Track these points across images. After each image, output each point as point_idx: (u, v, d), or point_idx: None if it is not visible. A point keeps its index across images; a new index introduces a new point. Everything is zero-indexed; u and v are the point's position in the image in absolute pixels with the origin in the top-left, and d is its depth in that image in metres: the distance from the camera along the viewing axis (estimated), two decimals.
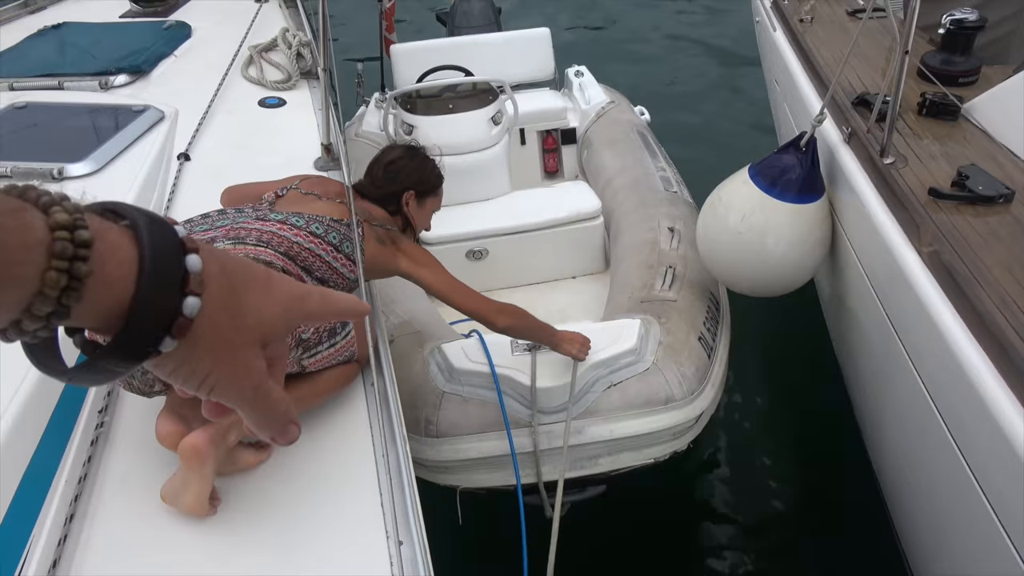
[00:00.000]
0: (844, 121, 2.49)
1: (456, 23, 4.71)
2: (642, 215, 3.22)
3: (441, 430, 2.35)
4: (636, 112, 4.23)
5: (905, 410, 2.10)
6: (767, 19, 3.63)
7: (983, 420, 1.61)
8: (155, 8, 4.01)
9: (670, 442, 2.48)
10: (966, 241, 1.92)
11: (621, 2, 8.52)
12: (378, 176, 2.12)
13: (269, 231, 1.70)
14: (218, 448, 1.53)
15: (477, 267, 3.49)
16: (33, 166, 2.37)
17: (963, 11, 2.64)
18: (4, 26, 3.84)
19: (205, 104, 3.00)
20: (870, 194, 2.22)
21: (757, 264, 2.52)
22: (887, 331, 2.12)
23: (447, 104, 3.69)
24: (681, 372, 2.44)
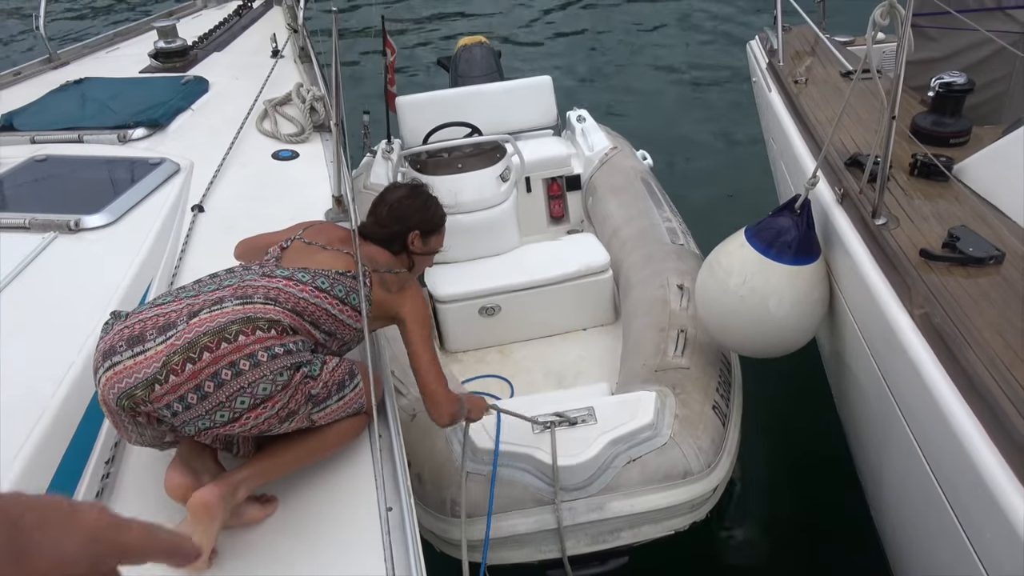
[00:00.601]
0: (837, 182, 2.53)
1: (459, 71, 4.82)
2: (651, 270, 3.25)
3: (469, 510, 2.36)
4: (639, 157, 4.29)
5: (902, 471, 2.08)
6: (762, 80, 3.71)
7: (975, 484, 1.60)
8: (174, 63, 4.12)
9: (689, 514, 2.50)
10: (957, 303, 1.92)
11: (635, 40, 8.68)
12: (383, 216, 2.14)
13: (276, 287, 1.73)
14: (227, 504, 1.54)
15: (490, 323, 3.51)
16: (51, 218, 2.43)
17: (951, 74, 2.69)
18: (28, 80, 3.96)
19: (220, 157, 3.07)
20: (863, 255, 2.25)
21: (760, 327, 2.53)
22: (883, 391, 2.12)
23: (456, 163, 3.76)
24: (698, 445, 2.48)
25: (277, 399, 1.58)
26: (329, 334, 1.81)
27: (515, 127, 4.07)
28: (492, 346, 3.58)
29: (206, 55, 4.32)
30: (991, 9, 3.06)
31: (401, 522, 1.62)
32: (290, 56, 4.31)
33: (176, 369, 1.51)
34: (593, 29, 9.15)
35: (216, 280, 1.77)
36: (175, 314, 1.61)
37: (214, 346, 1.53)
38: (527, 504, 2.37)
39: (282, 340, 1.62)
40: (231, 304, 1.64)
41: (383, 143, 4.34)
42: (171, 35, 4.17)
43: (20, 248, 2.29)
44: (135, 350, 1.55)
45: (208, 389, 1.52)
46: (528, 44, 8.80)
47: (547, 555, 2.42)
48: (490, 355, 3.56)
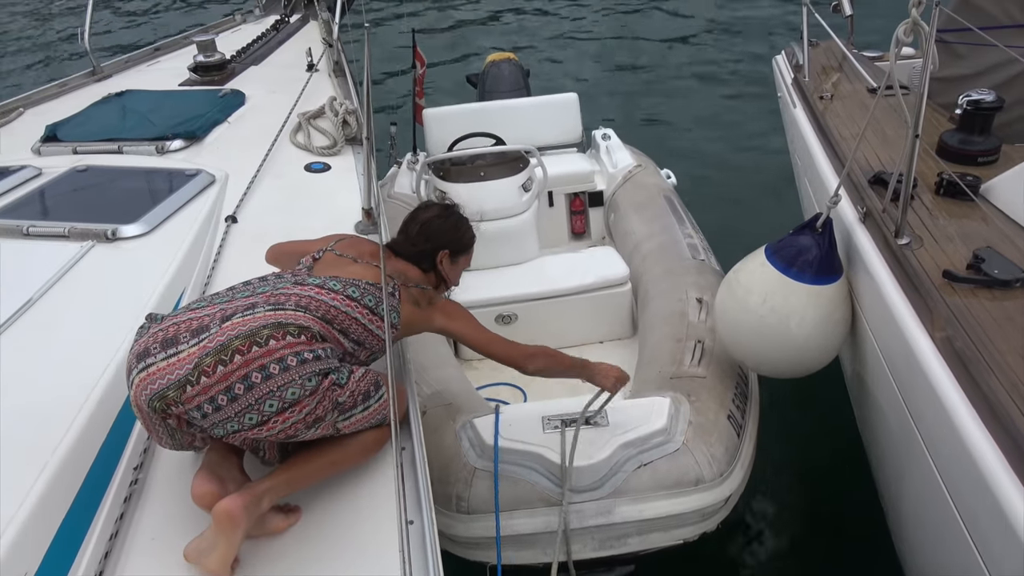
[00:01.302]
0: (860, 200, 2.48)
1: (487, 87, 4.86)
2: (670, 284, 3.23)
3: (472, 507, 2.36)
4: (663, 175, 4.28)
5: (921, 496, 2.03)
6: (788, 95, 3.66)
7: (994, 513, 1.55)
8: (212, 77, 4.22)
9: (699, 523, 2.46)
10: (980, 326, 1.87)
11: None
12: (413, 233, 2.17)
13: (307, 296, 1.76)
14: (252, 514, 1.56)
15: (506, 331, 3.50)
16: (89, 227, 2.49)
17: (979, 92, 2.63)
18: (72, 93, 4.08)
19: (254, 168, 3.13)
20: (884, 275, 2.20)
21: (780, 346, 2.49)
22: (903, 415, 2.07)
23: (479, 171, 3.79)
24: (711, 453, 2.43)
25: (305, 404, 1.60)
26: (358, 343, 1.83)
27: (540, 143, 4.09)
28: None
29: (243, 69, 4.41)
30: (1022, 25, 2.99)
31: (421, 535, 1.62)
32: (325, 70, 4.38)
33: (208, 371, 1.54)
34: (625, 46, 9.16)
35: (249, 287, 1.81)
36: (208, 318, 1.64)
37: (245, 349, 1.56)
38: (535, 503, 2.35)
39: (311, 346, 1.64)
40: (263, 310, 1.67)
41: (409, 154, 4.39)
42: (210, 49, 4.27)
43: (59, 256, 2.35)
44: (168, 352, 1.58)
45: (238, 391, 1.54)
46: (558, 61, 8.84)
47: (552, 557, 2.36)
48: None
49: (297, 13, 5.51)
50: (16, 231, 2.48)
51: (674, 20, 9.68)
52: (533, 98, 4.57)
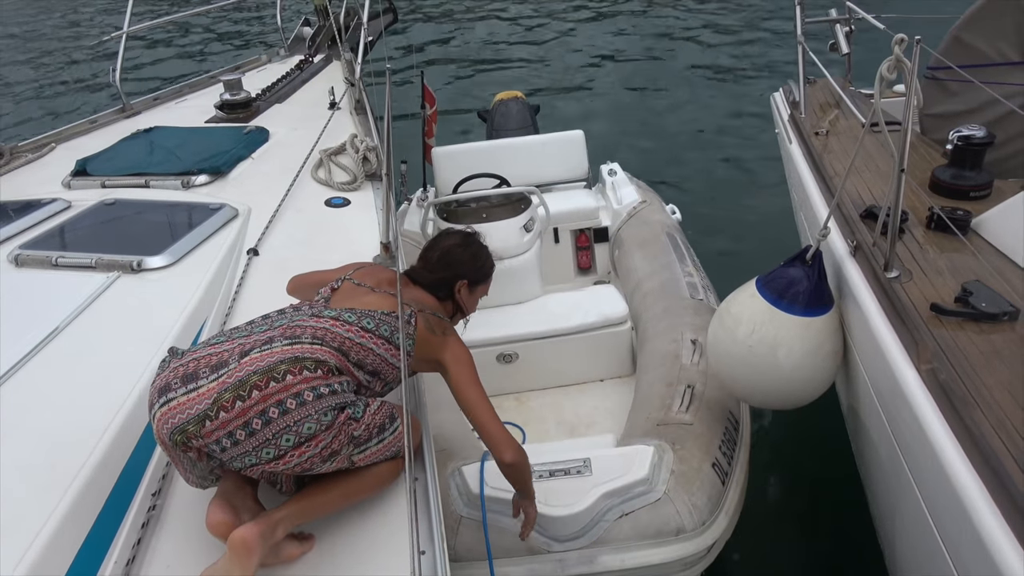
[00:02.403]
0: (851, 233, 2.51)
1: (495, 125, 4.97)
2: (667, 324, 3.26)
3: (458, 554, 2.38)
4: (667, 211, 4.32)
5: (912, 532, 2.01)
6: (784, 131, 3.72)
7: (975, 547, 1.53)
8: (238, 114, 4.33)
9: (682, 572, 2.47)
10: (967, 360, 1.87)
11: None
12: (432, 261, 2.19)
13: (323, 327, 1.79)
14: (266, 542, 1.57)
15: (507, 370, 3.55)
16: (116, 258, 2.56)
17: (970, 127, 2.66)
18: (102, 129, 4.21)
19: (276, 203, 3.20)
20: (873, 308, 2.21)
21: (769, 377, 2.50)
22: (892, 448, 2.06)
23: (481, 213, 3.85)
24: (692, 502, 2.44)
25: (321, 438, 1.62)
26: (373, 374, 1.85)
27: (547, 180, 4.15)
28: (509, 393, 3.61)
29: (268, 106, 4.53)
30: (1015, 63, 3.02)
31: (433, 566, 1.62)
32: (346, 108, 4.49)
33: (226, 406, 1.57)
34: (636, 82, 9.29)
35: (268, 321, 1.84)
36: (227, 353, 1.68)
37: (263, 385, 1.59)
38: (519, 552, 2.37)
39: (328, 380, 1.67)
40: (280, 344, 1.70)
41: (419, 191, 4.46)
42: (236, 87, 4.39)
43: (86, 286, 2.41)
44: (189, 387, 1.61)
45: (256, 426, 1.57)
46: (568, 95, 8.98)
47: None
48: (506, 402, 3.58)
49: (321, 53, 5.67)
50: (45, 262, 2.55)
51: (693, 54, 9.81)
52: (540, 136, 4.64)
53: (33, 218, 2.90)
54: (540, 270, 3.91)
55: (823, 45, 3.91)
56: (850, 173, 2.87)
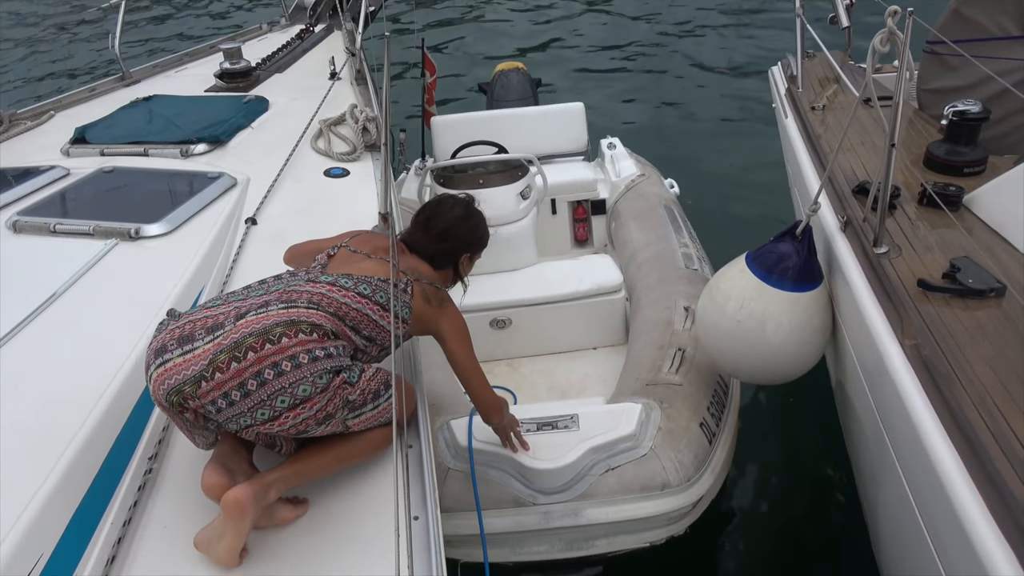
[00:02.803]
0: (842, 209, 2.49)
1: (495, 96, 4.93)
2: (661, 292, 3.27)
3: (445, 505, 2.39)
4: (665, 185, 4.32)
5: (894, 505, 2.01)
6: (780, 105, 3.68)
7: (951, 523, 1.53)
8: (238, 83, 4.31)
9: (666, 527, 2.51)
10: (952, 336, 1.86)
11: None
12: (435, 233, 2.17)
13: (319, 293, 1.80)
14: (259, 503, 1.59)
15: (500, 335, 3.56)
16: (114, 225, 2.56)
17: (966, 102, 2.63)
18: (102, 97, 4.19)
19: (275, 173, 3.19)
20: (860, 283, 2.20)
21: (757, 352, 2.50)
22: (876, 423, 2.06)
23: (478, 179, 3.84)
24: (678, 458, 2.47)
25: (316, 401, 1.64)
26: (369, 339, 1.86)
27: (546, 151, 4.13)
28: (502, 359, 3.64)
29: (268, 76, 4.50)
30: (1015, 37, 2.96)
31: (426, 531, 1.64)
32: (347, 78, 4.46)
33: (222, 367, 1.58)
34: (639, 60, 9.21)
35: (264, 286, 1.85)
36: (223, 316, 1.69)
37: (258, 347, 1.60)
38: (505, 504, 2.42)
39: (323, 344, 1.68)
40: (276, 307, 1.71)
41: (418, 160, 4.47)
42: (236, 56, 4.36)
43: (84, 253, 2.42)
44: (184, 348, 1.63)
45: (251, 387, 1.58)
46: (572, 70, 8.90)
47: (522, 557, 2.46)
48: (499, 367, 3.61)
49: (322, 23, 5.61)
50: (44, 228, 2.55)
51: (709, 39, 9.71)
52: (540, 107, 4.61)
53: (32, 185, 2.90)
54: (536, 238, 3.91)
55: (825, 18, 3.86)
56: (844, 148, 2.85)
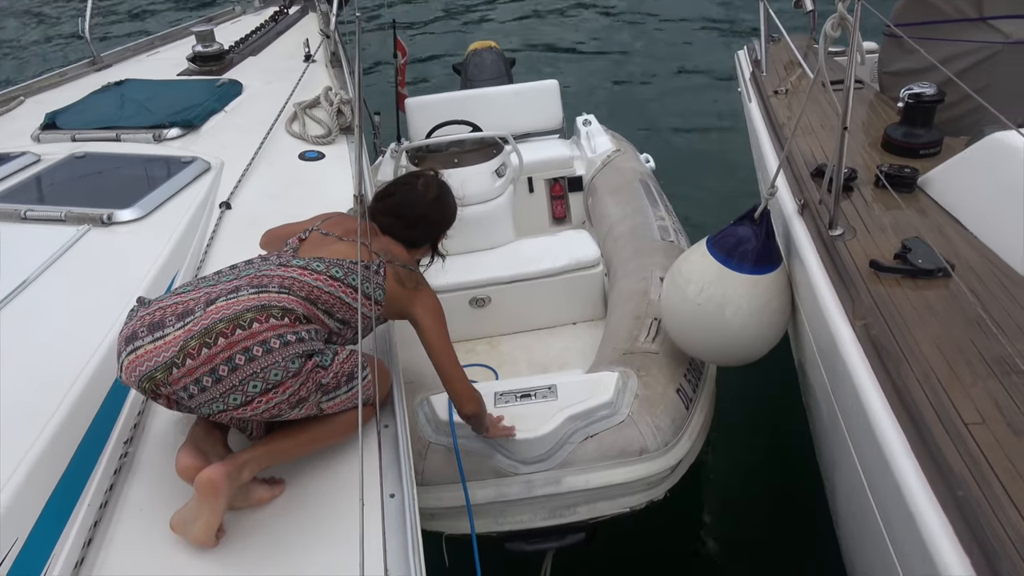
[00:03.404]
0: (800, 192, 2.52)
1: (469, 75, 4.91)
2: (637, 264, 3.30)
3: (427, 478, 2.45)
4: (641, 160, 4.34)
5: (848, 486, 2.06)
6: (745, 90, 3.71)
7: (896, 500, 1.57)
8: (211, 67, 4.26)
9: (645, 491, 2.55)
10: (901, 315, 1.90)
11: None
12: (410, 219, 2.16)
13: (291, 277, 1.80)
14: (233, 483, 1.60)
15: (480, 313, 3.57)
16: (86, 211, 2.53)
17: (921, 85, 2.68)
18: (72, 82, 4.13)
19: (249, 156, 3.17)
20: (815, 265, 2.24)
21: (717, 335, 2.54)
22: (831, 404, 2.11)
23: (452, 158, 3.84)
24: (655, 424, 2.51)
25: (288, 385, 1.64)
26: (343, 322, 1.86)
27: (521, 130, 4.13)
28: (482, 337, 3.66)
29: (242, 59, 4.45)
30: (972, 19, 3.02)
31: (401, 509, 1.67)
32: (322, 61, 4.42)
33: (192, 353, 1.58)
34: (613, 36, 9.20)
35: (235, 271, 1.85)
36: (193, 302, 1.68)
37: (229, 332, 1.60)
38: (486, 475, 2.45)
39: (295, 328, 1.68)
40: (247, 293, 1.70)
41: (393, 143, 4.46)
42: (209, 39, 4.31)
43: (55, 239, 2.40)
44: (155, 335, 1.63)
45: (222, 373, 1.59)
46: (546, 49, 8.89)
47: (504, 527, 2.50)
48: (479, 346, 3.62)
49: (296, 5, 5.55)
50: (14, 215, 2.52)
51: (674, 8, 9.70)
52: (514, 85, 4.59)
53: (1, 172, 2.86)
54: (513, 216, 3.91)
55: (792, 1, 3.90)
56: (805, 131, 2.88)
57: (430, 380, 2.75)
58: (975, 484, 1.43)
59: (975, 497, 1.40)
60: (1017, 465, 1.46)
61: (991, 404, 1.60)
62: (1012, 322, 1.84)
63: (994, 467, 1.46)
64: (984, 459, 1.48)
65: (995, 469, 1.45)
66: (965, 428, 1.55)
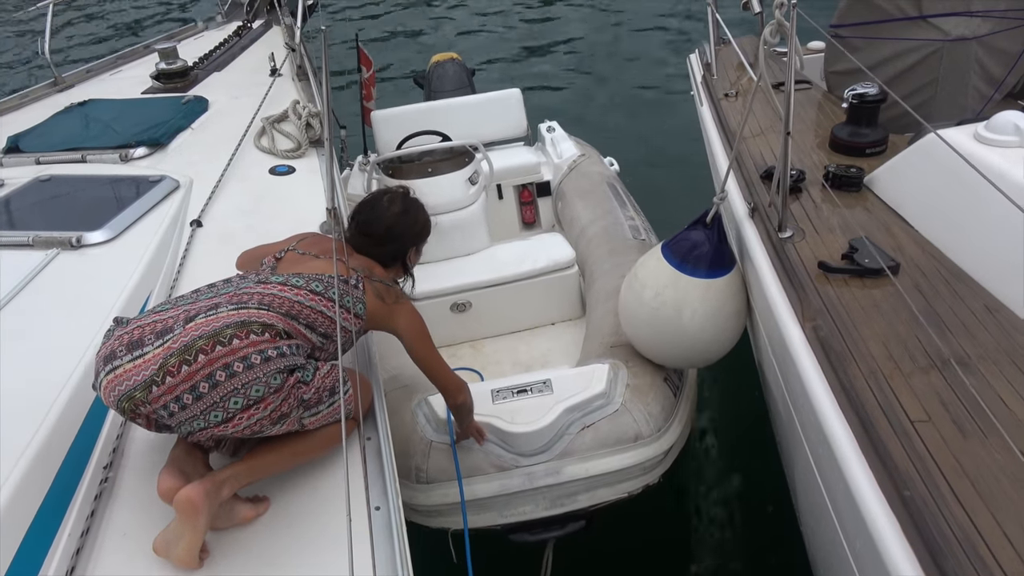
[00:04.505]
0: (749, 195, 2.56)
1: (432, 87, 4.94)
2: (613, 263, 3.37)
3: (431, 476, 2.50)
4: (606, 163, 4.42)
5: (805, 485, 2.08)
6: (697, 93, 3.76)
7: (850, 503, 1.59)
8: (175, 84, 4.21)
9: (641, 476, 2.63)
10: (848, 315, 1.92)
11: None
12: (378, 235, 2.16)
13: (271, 294, 1.78)
14: (212, 501, 1.58)
15: (462, 318, 3.61)
16: (54, 235, 2.49)
17: (864, 85, 2.74)
18: (34, 104, 4.05)
19: (218, 173, 3.14)
20: (766, 268, 2.26)
21: (675, 339, 2.59)
22: (787, 405, 2.14)
23: (426, 168, 3.87)
24: (648, 411, 2.61)
25: (269, 401, 1.63)
26: (325, 336, 1.85)
27: (487, 139, 4.18)
28: (464, 341, 3.70)
29: (206, 75, 4.40)
30: (913, 18, 3.08)
31: (388, 521, 1.67)
32: (288, 74, 4.40)
33: (172, 371, 1.56)
34: (571, 43, 9.27)
35: (213, 289, 1.83)
36: (172, 319, 1.67)
37: (209, 349, 1.59)
38: (488, 470, 2.51)
39: (275, 343, 1.67)
40: (226, 309, 1.69)
41: (360, 156, 4.47)
42: (172, 56, 4.26)
43: (24, 264, 2.35)
44: (134, 354, 1.60)
45: (203, 390, 1.57)
46: (504, 60, 8.94)
47: (508, 519, 2.56)
48: (462, 350, 3.66)
49: (260, 19, 5.51)
50: None
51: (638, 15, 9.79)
52: (477, 95, 4.63)
53: None
54: (487, 222, 3.96)
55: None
56: (755, 133, 2.92)
57: (425, 382, 2.78)
58: (921, 482, 1.45)
59: (921, 495, 1.42)
60: (962, 462, 1.48)
61: (937, 401, 1.63)
62: (956, 318, 1.88)
63: (940, 465, 1.48)
64: (930, 457, 1.50)
65: (941, 467, 1.48)
66: (912, 426, 1.58)
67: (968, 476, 1.45)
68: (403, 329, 2.06)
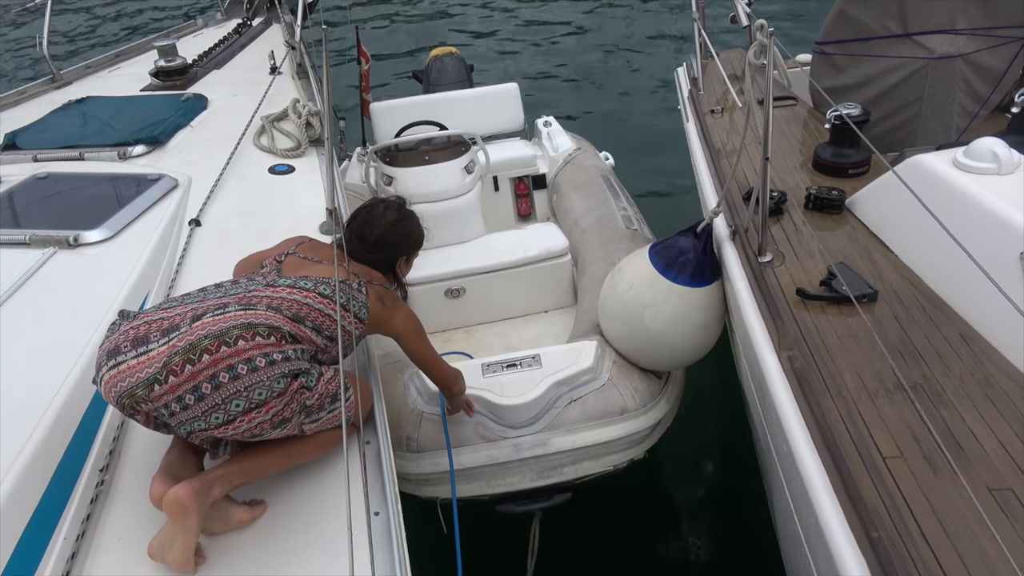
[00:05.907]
0: (731, 217, 2.53)
1: (431, 80, 4.96)
2: (605, 251, 3.40)
3: (421, 446, 2.55)
4: (601, 157, 4.44)
5: (781, 507, 2.06)
6: (684, 108, 3.75)
7: (819, 538, 1.57)
8: (174, 81, 4.17)
9: (627, 450, 2.67)
10: (824, 344, 1.89)
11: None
12: (371, 242, 2.16)
13: (279, 297, 1.76)
14: (202, 501, 1.55)
15: (455, 304, 3.64)
16: (51, 233, 2.46)
17: (847, 106, 2.73)
18: (32, 100, 4.01)
19: (218, 172, 3.11)
20: (744, 293, 2.24)
21: (632, 333, 2.63)
22: (764, 431, 2.11)
23: (423, 156, 3.89)
24: (634, 386, 2.65)
25: (272, 405, 1.60)
26: (331, 339, 1.82)
27: (484, 132, 4.21)
28: (458, 327, 3.74)
29: (206, 73, 4.37)
30: (898, 36, 3.06)
31: (387, 527, 1.65)
32: (288, 73, 4.37)
33: (175, 370, 1.54)
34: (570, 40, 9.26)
35: (221, 289, 1.80)
36: (179, 317, 1.64)
37: (214, 349, 1.56)
38: (476, 440, 2.55)
39: (281, 347, 1.64)
40: (234, 310, 1.66)
41: (359, 148, 4.49)
42: (171, 54, 4.22)
43: (20, 263, 2.32)
44: (139, 350, 1.58)
45: (205, 391, 1.54)
46: (503, 54, 8.94)
47: (496, 489, 2.59)
48: (456, 335, 3.71)
49: (259, 17, 5.48)
50: None
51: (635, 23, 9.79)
52: (475, 89, 4.65)
53: None
54: (482, 210, 4.00)
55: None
56: (743, 151, 2.89)
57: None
58: (890, 521, 1.43)
59: (889, 536, 1.41)
60: (931, 499, 1.47)
61: (909, 436, 1.61)
62: (931, 348, 1.86)
63: (909, 502, 1.47)
64: (900, 494, 1.49)
65: (910, 504, 1.46)
66: (883, 462, 1.56)
67: (936, 514, 1.44)
68: (402, 331, 2.08)
